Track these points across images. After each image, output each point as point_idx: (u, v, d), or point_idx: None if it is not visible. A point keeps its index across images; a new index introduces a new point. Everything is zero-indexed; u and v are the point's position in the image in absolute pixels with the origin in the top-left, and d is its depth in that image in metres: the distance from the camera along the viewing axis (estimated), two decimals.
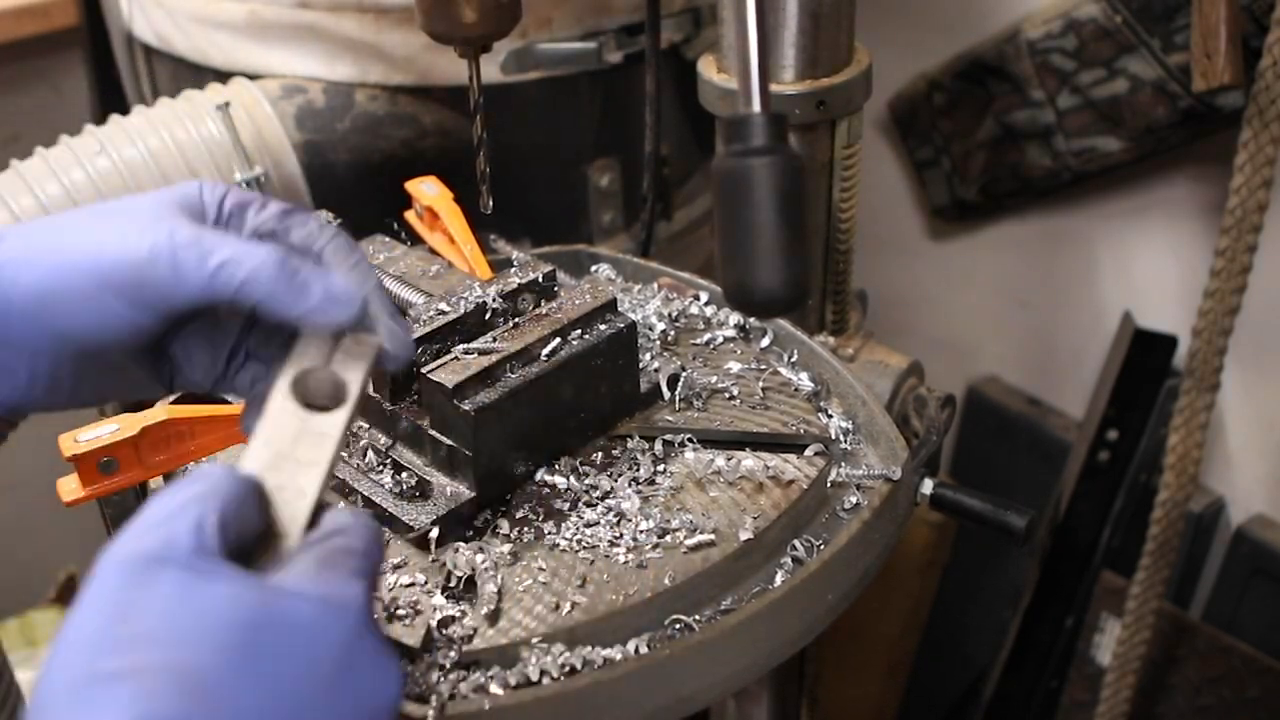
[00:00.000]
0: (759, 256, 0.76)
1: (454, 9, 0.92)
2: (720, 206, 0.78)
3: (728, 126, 0.79)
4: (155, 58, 1.72)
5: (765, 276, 0.76)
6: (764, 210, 0.76)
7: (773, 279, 0.76)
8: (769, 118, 0.78)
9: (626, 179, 1.66)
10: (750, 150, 0.77)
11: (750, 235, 0.76)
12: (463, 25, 0.94)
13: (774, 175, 0.76)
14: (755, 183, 0.76)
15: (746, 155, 0.77)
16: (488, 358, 0.98)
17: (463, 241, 1.21)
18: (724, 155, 0.78)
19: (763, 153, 0.77)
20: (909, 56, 2.06)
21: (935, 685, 2.34)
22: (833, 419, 1.11)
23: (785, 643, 0.95)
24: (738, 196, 0.77)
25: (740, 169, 0.77)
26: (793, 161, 0.77)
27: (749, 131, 0.78)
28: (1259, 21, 1.52)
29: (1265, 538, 1.89)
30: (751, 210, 0.76)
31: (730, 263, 0.78)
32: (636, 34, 1.54)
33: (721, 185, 0.78)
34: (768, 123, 0.78)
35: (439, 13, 0.93)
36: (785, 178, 0.76)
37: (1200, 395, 1.62)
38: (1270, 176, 1.49)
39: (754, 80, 0.79)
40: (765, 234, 0.76)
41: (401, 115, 1.55)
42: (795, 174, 0.77)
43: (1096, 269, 2.03)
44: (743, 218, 0.76)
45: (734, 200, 0.77)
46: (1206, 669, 1.90)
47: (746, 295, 0.78)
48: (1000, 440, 2.22)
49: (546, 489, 1.01)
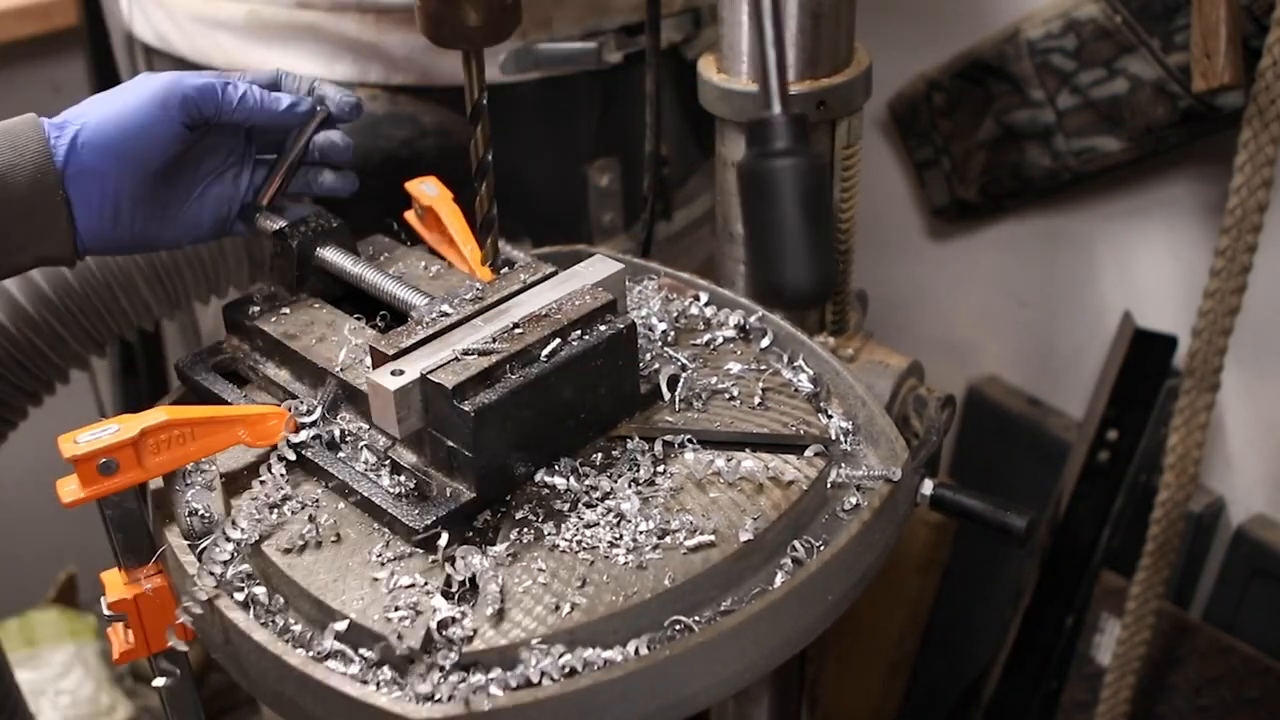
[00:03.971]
0: (786, 254, 0.80)
1: (457, 13, 0.92)
2: (746, 207, 0.81)
3: (750, 129, 0.81)
4: (155, 58, 1.72)
5: (792, 273, 0.80)
6: (789, 210, 0.79)
7: (799, 275, 0.80)
8: (790, 119, 0.80)
9: (626, 179, 1.66)
10: (773, 152, 0.80)
11: (777, 234, 0.79)
12: (465, 30, 0.94)
13: (797, 175, 0.79)
14: (779, 183, 0.79)
15: (770, 157, 0.80)
16: (488, 358, 0.98)
17: (463, 241, 1.21)
18: (748, 157, 0.81)
19: (786, 154, 0.79)
20: (909, 56, 2.05)
21: (935, 685, 2.34)
22: (833, 420, 1.11)
23: (785, 643, 0.95)
24: (763, 197, 0.80)
25: (765, 170, 0.80)
26: (815, 161, 0.80)
27: (771, 134, 0.80)
28: (1259, 21, 1.52)
29: (1265, 538, 1.89)
30: (777, 210, 0.79)
31: (759, 261, 0.81)
32: (636, 34, 1.54)
33: (747, 186, 0.81)
34: (789, 124, 0.80)
35: (441, 17, 0.93)
36: (808, 177, 0.79)
37: (1200, 395, 1.62)
38: (1270, 176, 1.49)
39: (774, 82, 0.81)
40: (791, 232, 0.79)
41: (401, 115, 1.55)
42: (818, 173, 0.80)
43: (1096, 269, 2.03)
44: (769, 217, 0.80)
45: (760, 201, 0.80)
46: (1206, 669, 1.90)
47: (776, 292, 0.82)
48: (1000, 440, 2.22)
49: (546, 490, 1.01)
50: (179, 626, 0.96)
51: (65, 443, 0.93)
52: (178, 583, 0.98)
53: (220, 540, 0.97)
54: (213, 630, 0.95)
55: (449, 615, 0.89)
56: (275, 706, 0.93)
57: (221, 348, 1.16)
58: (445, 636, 0.88)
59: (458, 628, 0.88)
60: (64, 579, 2.48)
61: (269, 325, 1.12)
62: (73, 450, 0.92)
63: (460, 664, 0.87)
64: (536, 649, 0.87)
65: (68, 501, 0.94)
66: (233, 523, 0.98)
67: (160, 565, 1.00)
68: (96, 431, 0.94)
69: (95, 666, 2.28)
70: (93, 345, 1.51)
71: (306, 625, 0.93)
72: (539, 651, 0.87)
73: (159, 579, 1.00)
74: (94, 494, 0.94)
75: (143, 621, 0.99)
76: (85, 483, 0.93)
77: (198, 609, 0.94)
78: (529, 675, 0.86)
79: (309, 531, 0.97)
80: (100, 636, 2.35)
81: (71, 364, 1.52)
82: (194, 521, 1.03)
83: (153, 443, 0.96)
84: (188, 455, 0.98)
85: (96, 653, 2.31)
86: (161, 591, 0.99)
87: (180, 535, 1.00)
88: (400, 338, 1.01)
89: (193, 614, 0.94)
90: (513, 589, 0.92)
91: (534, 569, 0.94)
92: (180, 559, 0.97)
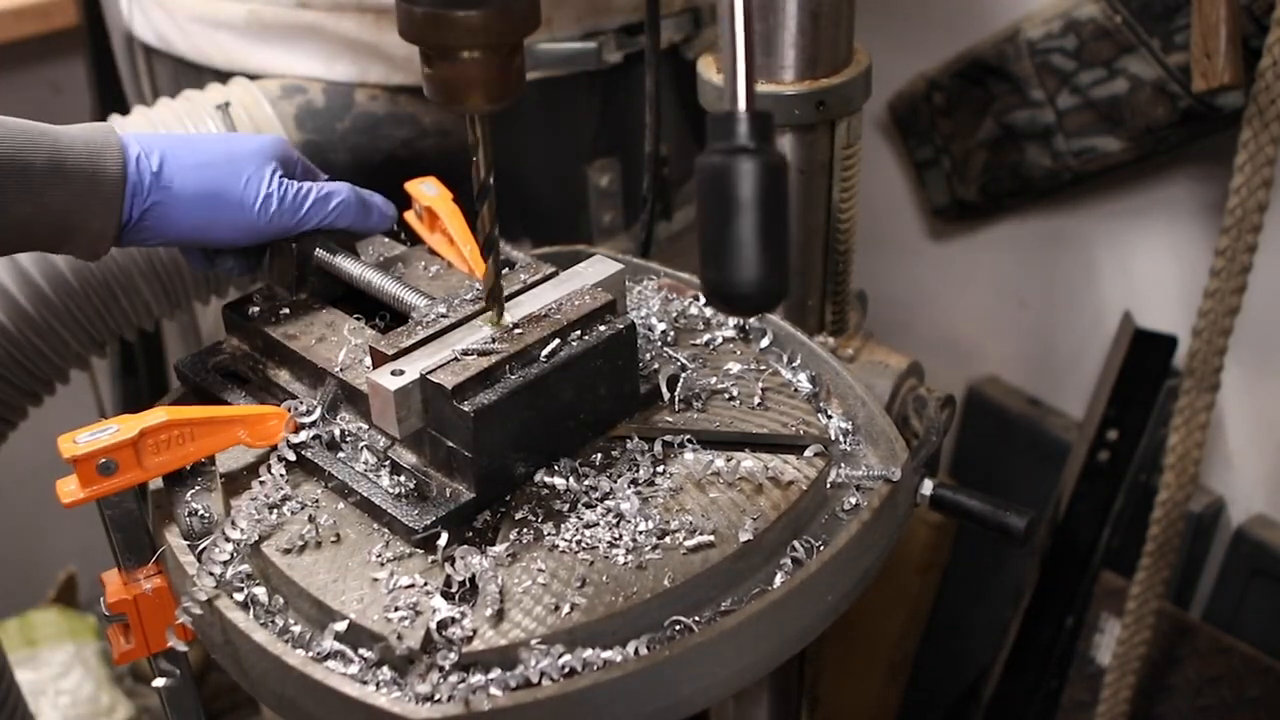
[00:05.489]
0: (736, 255, 0.76)
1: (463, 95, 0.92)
2: (701, 203, 0.78)
3: (712, 123, 0.78)
4: (155, 58, 1.72)
5: (741, 276, 0.76)
6: (743, 209, 0.75)
7: (748, 278, 0.76)
8: (752, 115, 0.77)
9: (626, 179, 1.66)
10: (732, 149, 0.76)
11: (728, 234, 0.76)
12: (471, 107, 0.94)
13: (754, 174, 0.75)
14: (735, 181, 0.76)
15: (728, 154, 0.76)
16: (488, 358, 0.98)
17: (462, 242, 1.21)
18: (707, 152, 0.78)
19: (743, 152, 0.76)
20: (909, 56, 2.05)
21: (935, 685, 2.34)
22: (832, 420, 1.11)
23: (785, 643, 0.95)
24: (717, 194, 0.76)
25: (720, 167, 0.76)
26: (773, 160, 0.76)
27: (732, 129, 0.77)
28: (1259, 21, 1.52)
29: (1265, 538, 1.89)
30: (730, 208, 0.75)
31: (708, 260, 0.78)
32: (636, 34, 1.54)
33: (702, 182, 0.78)
34: (750, 120, 0.77)
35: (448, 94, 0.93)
36: (765, 176, 0.76)
37: (1200, 395, 1.62)
38: (1270, 176, 1.49)
39: (739, 77, 0.78)
40: (743, 233, 0.75)
41: (401, 115, 1.55)
42: (775, 173, 0.76)
43: (1096, 269, 2.03)
44: (721, 216, 0.76)
45: (714, 198, 0.77)
46: (1206, 669, 1.90)
47: (721, 293, 0.78)
48: (1000, 440, 2.22)
49: (546, 490, 1.01)
50: (179, 627, 0.96)
51: (65, 443, 0.93)
52: (177, 583, 0.98)
53: (220, 540, 0.97)
54: (212, 630, 0.95)
55: (449, 615, 0.89)
56: (275, 707, 0.93)
57: (221, 348, 1.16)
58: (445, 637, 0.88)
59: (457, 628, 0.88)
60: (64, 579, 2.48)
61: (269, 325, 1.12)
62: (72, 450, 0.92)
63: (460, 664, 0.87)
64: (536, 649, 0.87)
65: (68, 501, 0.94)
66: (232, 523, 0.98)
67: (160, 565, 1.00)
68: (96, 431, 0.94)
69: (95, 666, 2.28)
70: (93, 345, 1.51)
71: (306, 625, 0.93)
72: (538, 652, 0.87)
73: (159, 579, 1.00)
74: (94, 494, 0.94)
75: (142, 622, 0.99)
76: (85, 483, 0.93)
77: (197, 609, 0.94)
78: (528, 675, 0.86)
79: (309, 532, 0.97)
80: (100, 636, 2.35)
81: (71, 364, 1.52)
82: (194, 521, 1.03)
83: (153, 443, 0.96)
84: (188, 455, 0.98)
85: (96, 653, 2.31)
86: (161, 592, 0.99)
87: (180, 535, 1.00)
88: (400, 338, 1.01)
89: (192, 614, 0.94)
90: (512, 589, 0.92)
91: (533, 569, 0.93)
92: (180, 559, 0.97)
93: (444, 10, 0.87)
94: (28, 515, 2.36)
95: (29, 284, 1.42)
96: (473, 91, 0.92)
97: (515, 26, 0.89)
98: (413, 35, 0.90)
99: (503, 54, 0.91)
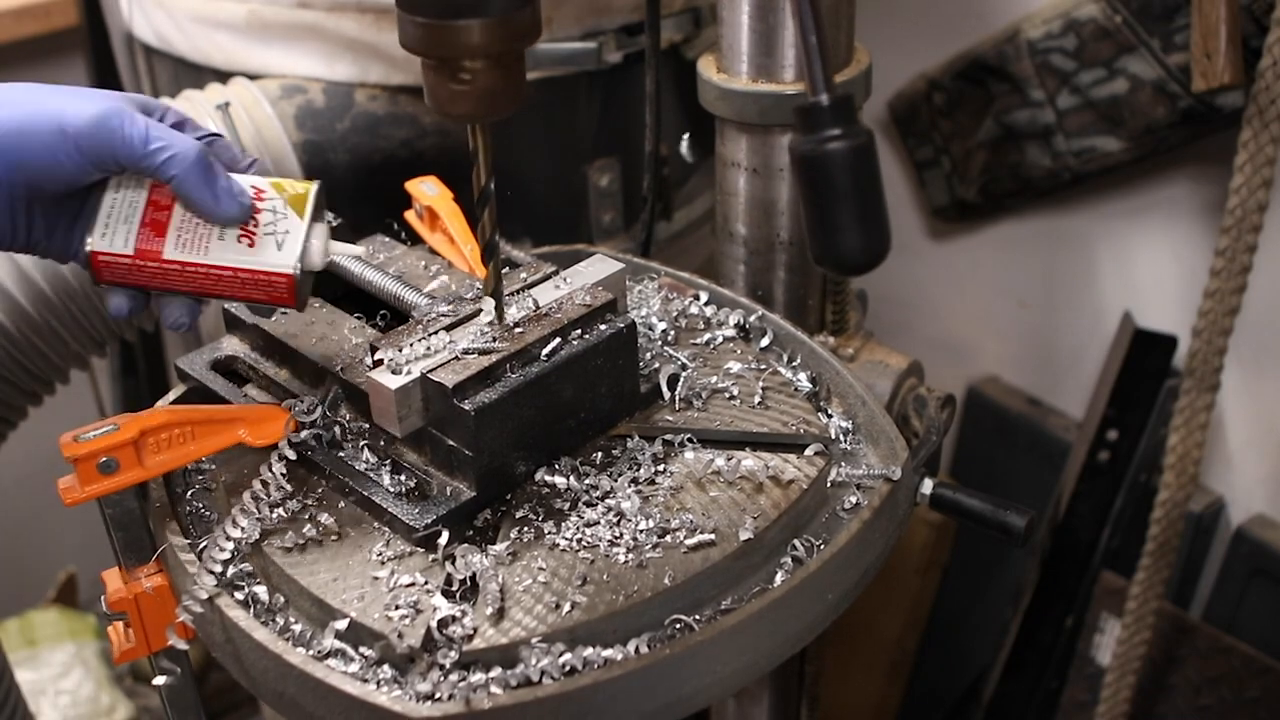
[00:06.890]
0: (840, 229, 0.87)
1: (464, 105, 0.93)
2: (803, 186, 0.88)
3: (801, 115, 0.87)
4: (155, 58, 1.72)
5: (846, 246, 0.88)
6: (840, 191, 0.86)
7: (854, 246, 0.88)
8: (835, 102, 0.86)
9: (626, 179, 1.66)
10: (823, 138, 0.86)
11: (830, 213, 0.87)
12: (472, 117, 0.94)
13: (845, 157, 0.86)
14: (829, 167, 0.86)
15: (820, 142, 0.86)
16: (488, 358, 0.98)
17: (463, 241, 1.21)
18: (799, 141, 0.87)
19: (832, 140, 0.86)
20: (909, 56, 2.06)
21: (935, 685, 2.34)
22: (833, 419, 1.11)
23: (785, 643, 0.95)
24: (816, 177, 0.87)
25: (814, 155, 0.87)
26: (860, 141, 0.86)
27: (820, 119, 0.86)
28: (1259, 21, 1.52)
29: (1265, 538, 1.89)
30: (830, 191, 0.87)
31: (815, 233, 0.89)
32: (636, 34, 1.54)
33: (801, 168, 0.88)
34: (835, 107, 0.86)
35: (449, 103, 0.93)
36: (855, 158, 0.86)
37: (1200, 395, 1.62)
38: (1270, 176, 1.49)
39: (818, 69, 0.87)
40: (843, 212, 0.87)
41: (401, 115, 1.55)
42: (863, 151, 0.87)
43: (1096, 269, 2.03)
44: (822, 198, 0.87)
45: (814, 181, 0.87)
46: (1206, 669, 1.90)
47: (831, 260, 0.90)
48: (1000, 440, 2.22)
49: (546, 489, 1.01)
50: (179, 625, 0.96)
51: (65, 442, 0.93)
52: (178, 582, 0.98)
53: (220, 539, 0.97)
54: (213, 629, 0.95)
55: (449, 614, 0.89)
56: (276, 705, 0.93)
57: (221, 347, 1.16)
58: (445, 635, 0.88)
59: (458, 626, 0.88)
60: (64, 579, 2.48)
61: (269, 324, 1.12)
62: (73, 450, 0.92)
63: (460, 662, 0.87)
64: (537, 648, 0.87)
65: (68, 501, 0.94)
66: (233, 521, 0.98)
67: (160, 564, 1.00)
68: (97, 430, 0.94)
69: (95, 666, 2.28)
70: (93, 345, 1.51)
71: (307, 624, 0.93)
72: (539, 650, 0.87)
73: (159, 578, 1.00)
74: (94, 493, 0.94)
75: (143, 620, 0.99)
76: (85, 482, 0.93)
77: (198, 608, 0.94)
78: (529, 674, 0.86)
79: (309, 530, 0.97)
80: (100, 636, 2.35)
81: (71, 364, 1.52)
82: (194, 521, 1.03)
83: (153, 442, 0.96)
84: (188, 455, 0.98)
85: (96, 653, 2.32)
86: (162, 590, 0.99)
87: (180, 534, 1.00)
88: (401, 337, 1.01)
89: (193, 613, 0.94)
90: (513, 588, 0.92)
91: (534, 568, 0.94)
92: (180, 558, 0.97)
93: (445, 21, 0.88)
94: (28, 515, 2.36)
95: (29, 284, 1.42)
96: (473, 102, 0.92)
97: (516, 37, 0.90)
98: (413, 45, 0.90)
99: (504, 64, 0.91)
